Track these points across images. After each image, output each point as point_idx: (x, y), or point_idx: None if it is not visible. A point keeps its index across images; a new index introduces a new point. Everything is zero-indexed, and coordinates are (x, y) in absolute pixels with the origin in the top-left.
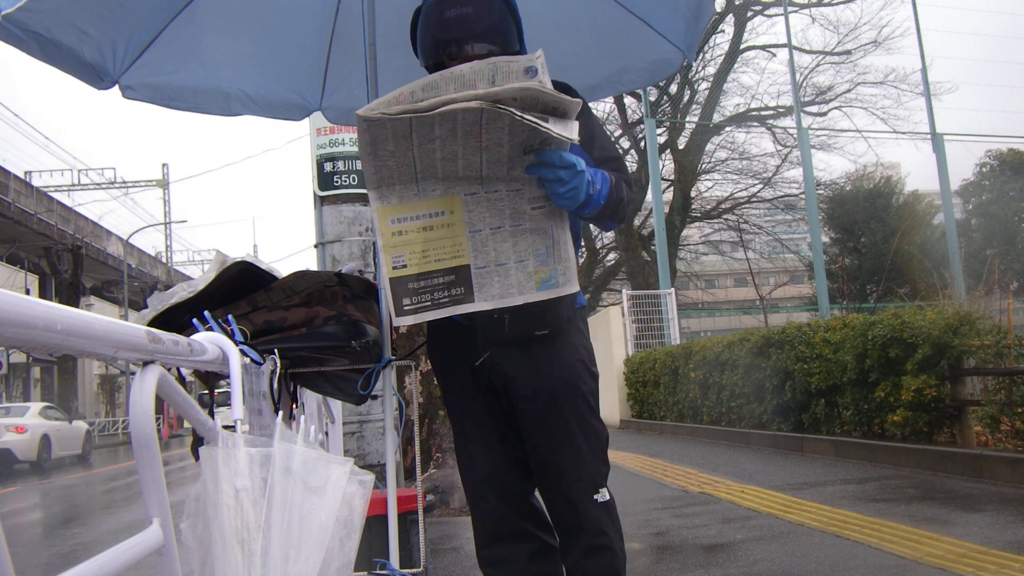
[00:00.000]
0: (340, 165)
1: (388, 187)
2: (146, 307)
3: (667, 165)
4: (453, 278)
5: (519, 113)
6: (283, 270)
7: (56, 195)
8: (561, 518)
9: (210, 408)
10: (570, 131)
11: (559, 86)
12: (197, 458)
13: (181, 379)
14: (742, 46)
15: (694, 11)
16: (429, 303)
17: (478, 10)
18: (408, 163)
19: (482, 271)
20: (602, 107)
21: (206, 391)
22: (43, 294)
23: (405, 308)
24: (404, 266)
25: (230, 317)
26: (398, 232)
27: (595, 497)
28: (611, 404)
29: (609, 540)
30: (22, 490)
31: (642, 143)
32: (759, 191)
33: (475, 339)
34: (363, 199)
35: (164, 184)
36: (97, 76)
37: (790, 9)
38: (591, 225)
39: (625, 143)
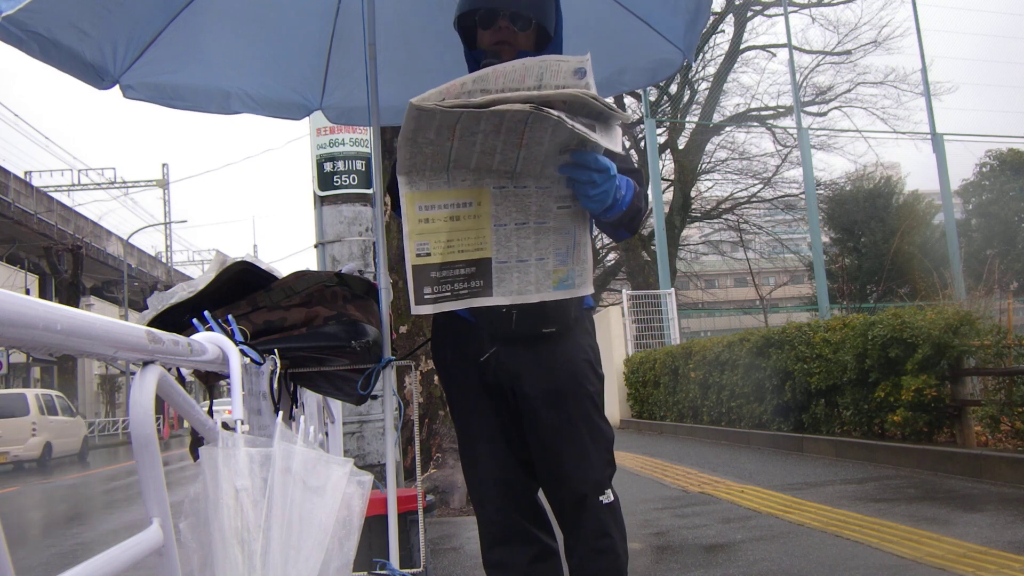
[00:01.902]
0: (340, 165)
1: (418, 173)
2: (146, 307)
3: (667, 165)
4: (474, 270)
5: (570, 122)
6: (283, 270)
7: (56, 195)
8: (566, 518)
9: (210, 408)
10: (614, 142)
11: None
12: (196, 458)
13: (181, 379)
14: (742, 46)
15: (693, 11)
16: (449, 293)
17: None
18: (444, 153)
19: (503, 265)
20: None
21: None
22: (43, 294)
23: (426, 297)
24: (428, 254)
25: (230, 317)
26: (425, 219)
27: (600, 498)
28: (611, 404)
29: (613, 542)
30: (22, 490)
31: (642, 143)
32: (759, 191)
33: (481, 336)
34: (363, 199)
35: (164, 184)
36: (97, 76)
37: (790, 9)
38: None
39: (625, 143)
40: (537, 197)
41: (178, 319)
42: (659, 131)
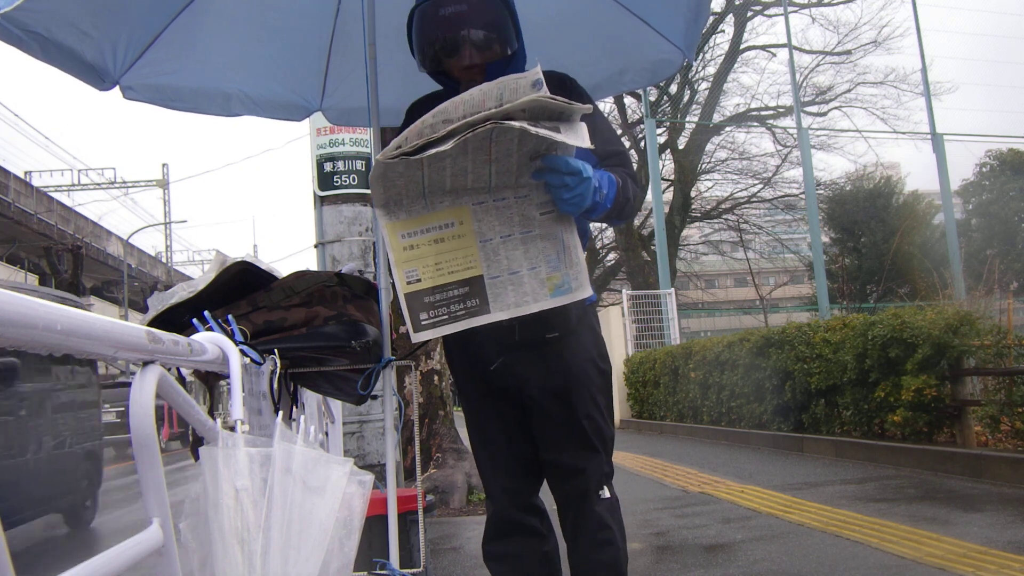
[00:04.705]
0: (340, 165)
1: (395, 203)
2: (146, 307)
3: (667, 165)
4: (467, 290)
5: (532, 128)
6: (283, 270)
7: (56, 195)
8: (567, 514)
9: (210, 408)
10: (581, 138)
11: (558, 78)
12: (197, 458)
13: (181, 379)
14: (742, 46)
15: (694, 10)
16: (446, 316)
17: (473, 7)
18: (417, 181)
19: (496, 280)
20: (602, 107)
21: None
22: None
23: (423, 323)
24: (418, 280)
25: (230, 317)
26: (410, 247)
27: (599, 493)
28: None
29: (613, 535)
30: None
31: (642, 143)
32: (759, 191)
33: (486, 344)
34: (363, 199)
35: (164, 184)
36: (98, 77)
37: (790, 9)
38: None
39: (625, 143)
40: (518, 207)
41: (178, 319)
42: (659, 131)
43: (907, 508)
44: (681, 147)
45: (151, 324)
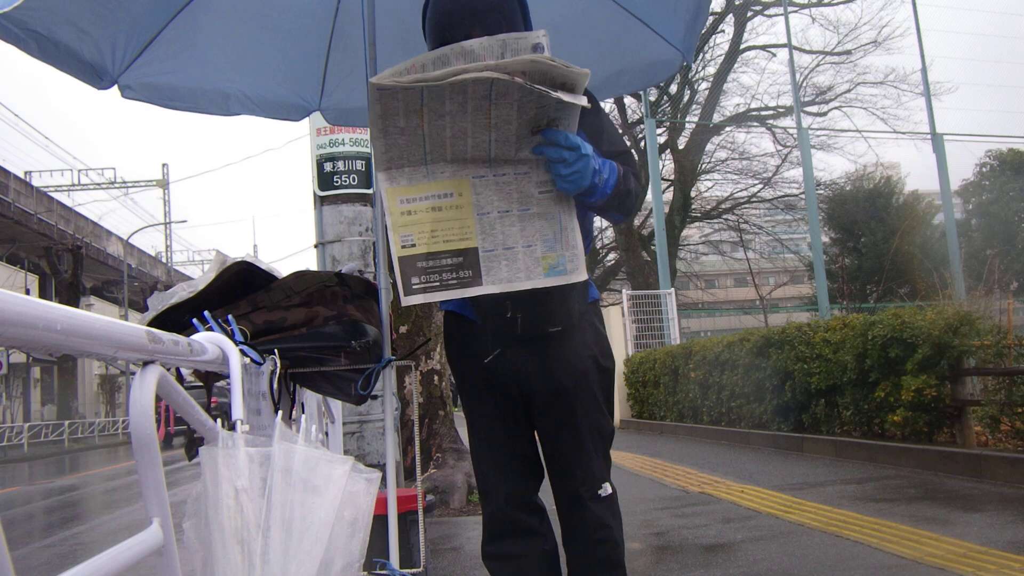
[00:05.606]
0: (340, 165)
1: (397, 168)
2: (146, 307)
3: (667, 165)
4: (461, 260)
5: (528, 83)
6: (283, 270)
7: (56, 195)
8: (566, 511)
9: (208, 406)
10: (580, 100)
11: None
12: (191, 458)
13: (181, 379)
14: (742, 46)
15: (693, 12)
16: (438, 283)
17: None
18: (418, 142)
19: (490, 254)
20: (602, 107)
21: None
22: (43, 294)
23: (414, 287)
24: (413, 245)
25: (230, 317)
26: (407, 212)
27: (598, 492)
28: None
29: (611, 532)
30: (22, 490)
31: (642, 143)
32: (759, 191)
33: (486, 337)
34: (363, 199)
35: (164, 184)
36: (96, 75)
37: (790, 9)
38: (592, 222)
39: (625, 143)
40: (517, 183)
41: (178, 319)
42: (659, 131)
43: (907, 508)
44: (681, 147)
45: (151, 324)
